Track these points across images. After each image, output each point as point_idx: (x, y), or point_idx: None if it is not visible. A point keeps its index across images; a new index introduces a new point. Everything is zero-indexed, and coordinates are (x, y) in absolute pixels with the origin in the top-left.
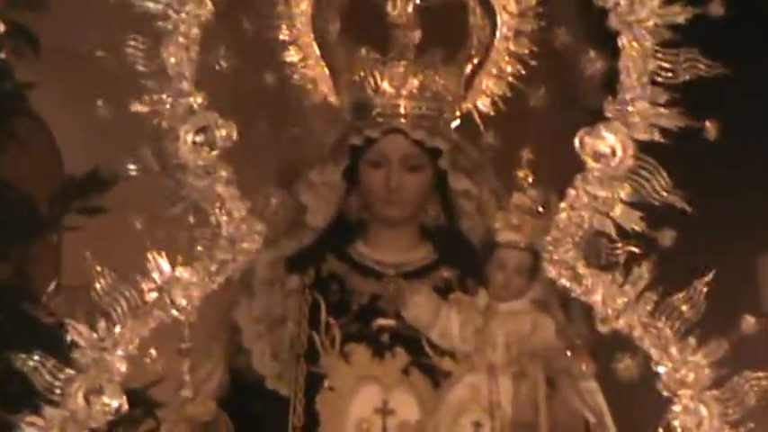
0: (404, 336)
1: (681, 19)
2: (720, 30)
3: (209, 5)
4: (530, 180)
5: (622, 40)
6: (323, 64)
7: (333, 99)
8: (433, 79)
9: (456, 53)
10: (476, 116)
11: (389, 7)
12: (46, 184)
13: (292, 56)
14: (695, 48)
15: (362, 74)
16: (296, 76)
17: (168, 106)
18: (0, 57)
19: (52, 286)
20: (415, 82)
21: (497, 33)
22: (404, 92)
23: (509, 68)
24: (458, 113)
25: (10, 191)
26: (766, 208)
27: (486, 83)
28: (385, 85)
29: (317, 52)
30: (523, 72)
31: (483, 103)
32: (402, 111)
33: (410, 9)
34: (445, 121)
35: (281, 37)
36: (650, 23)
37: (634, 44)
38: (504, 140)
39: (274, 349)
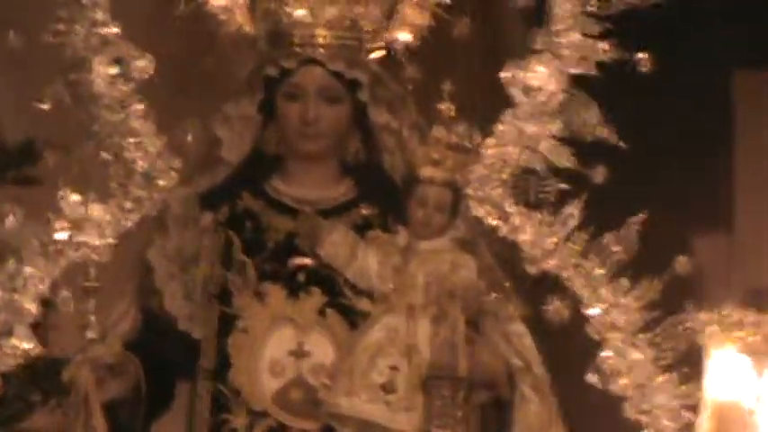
0: (320, 275)
1: None
2: None
3: None
4: (452, 113)
5: None
6: None
7: (248, 28)
8: (352, 8)
9: None
10: (398, 47)
11: None
12: None
13: None
14: None
15: (279, 2)
16: (210, 4)
17: (81, 36)
18: None
19: None
20: (333, 10)
21: None
22: (321, 21)
23: None
24: (379, 44)
25: None
26: (701, 142)
27: (409, 12)
28: (302, 14)
29: None
30: (448, 1)
31: (405, 34)
32: (319, 41)
33: None
34: (365, 52)
35: None
36: None
37: None
38: (427, 73)
39: (187, 289)
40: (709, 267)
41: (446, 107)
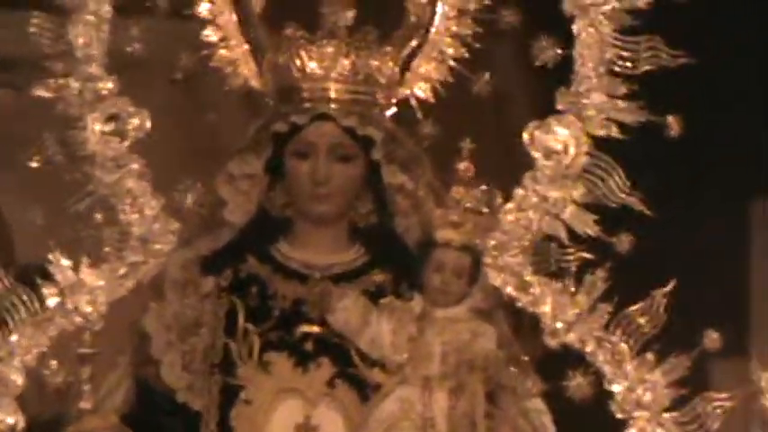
0: (330, 344)
1: (642, 3)
2: (685, 16)
3: None
4: (471, 174)
5: (578, 26)
6: (245, 44)
7: (255, 83)
8: (366, 61)
9: (392, 33)
10: (413, 103)
11: None
12: None
13: (211, 35)
14: (657, 35)
15: (288, 54)
16: (215, 58)
17: (75, 91)
18: None
19: None
20: (345, 63)
21: (437, 12)
22: (333, 74)
23: (450, 51)
24: (394, 100)
25: None
26: (732, 209)
27: (426, 67)
28: (313, 67)
29: (239, 31)
30: (467, 56)
31: (421, 89)
32: (331, 95)
33: None
34: (379, 108)
35: (199, 14)
36: (608, 7)
37: (590, 30)
38: (445, 131)
39: (186, 359)
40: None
41: (465, 167)
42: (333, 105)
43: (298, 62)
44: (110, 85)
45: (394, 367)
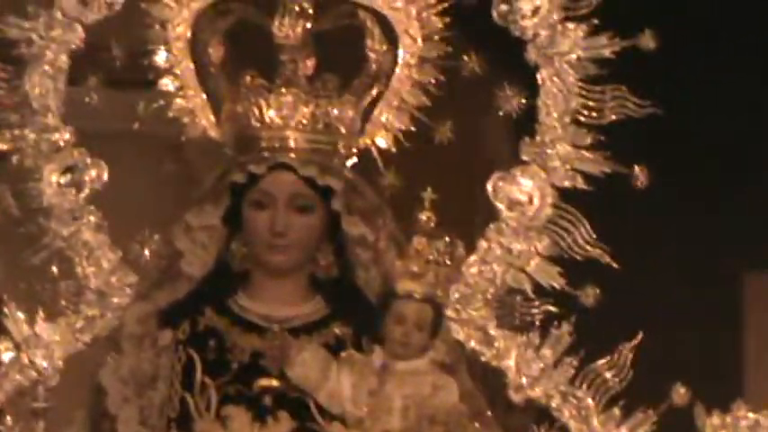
0: (289, 398)
1: (608, 52)
2: (651, 65)
3: (80, 31)
4: (433, 224)
5: (542, 75)
6: (203, 93)
7: (213, 132)
8: (326, 110)
9: (352, 81)
10: (374, 153)
11: (276, 28)
12: None
13: (168, 84)
14: (623, 85)
15: (247, 103)
16: (173, 107)
17: (32, 142)
18: None
19: None
20: (305, 111)
21: (399, 60)
22: (292, 123)
23: (412, 100)
24: (354, 150)
25: None
26: (702, 260)
27: (387, 115)
28: (272, 115)
29: (196, 80)
30: (429, 104)
31: (383, 138)
32: (291, 144)
33: (299, 30)
34: (340, 158)
35: (157, 63)
36: (573, 57)
37: (555, 79)
38: (406, 180)
39: (143, 414)
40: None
41: (427, 216)
42: (292, 155)
43: (256, 111)
44: (66, 135)
45: (354, 422)
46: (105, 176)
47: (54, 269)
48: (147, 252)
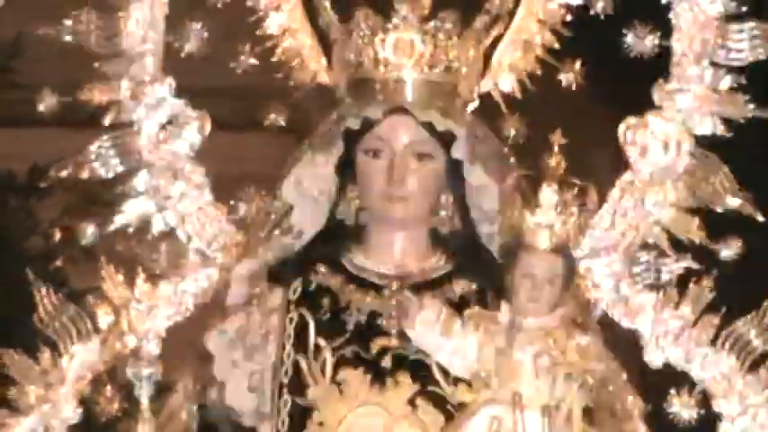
0: (409, 360)
1: None
2: None
3: None
4: (562, 170)
5: (677, 12)
6: (312, 34)
7: (323, 76)
8: (446, 49)
9: (472, 19)
10: (497, 96)
11: None
12: None
13: (274, 26)
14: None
15: (360, 43)
16: (279, 51)
17: (128, 93)
18: None
19: None
20: (423, 51)
21: None
22: (410, 63)
23: (537, 40)
24: (476, 93)
25: None
26: None
27: (510, 57)
28: (387, 55)
29: (305, 20)
30: (555, 45)
31: (506, 82)
32: (408, 87)
33: None
34: (460, 102)
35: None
36: None
37: (690, 18)
38: (532, 127)
39: (252, 379)
40: None
41: (556, 162)
42: (409, 98)
43: (371, 51)
44: (166, 85)
45: (480, 384)
46: (208, 128)
47: (153, 230)
48: (253, 208)
